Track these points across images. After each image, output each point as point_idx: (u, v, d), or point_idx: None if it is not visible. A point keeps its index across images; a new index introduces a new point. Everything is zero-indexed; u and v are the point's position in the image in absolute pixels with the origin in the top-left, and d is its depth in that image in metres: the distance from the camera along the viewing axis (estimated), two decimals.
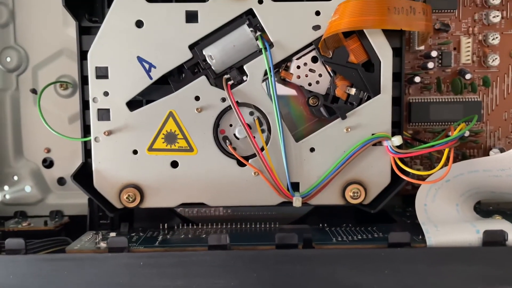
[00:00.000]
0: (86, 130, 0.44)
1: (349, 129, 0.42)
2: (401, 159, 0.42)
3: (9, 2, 0.53)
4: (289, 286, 0.36)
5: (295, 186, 0.42)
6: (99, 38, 0.41)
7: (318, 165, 0.42)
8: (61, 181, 0.54)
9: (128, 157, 0.42)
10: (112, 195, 0.42)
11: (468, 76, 0.50)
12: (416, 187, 0.46)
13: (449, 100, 0.51)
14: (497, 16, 0.50)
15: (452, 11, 0.51)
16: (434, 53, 0.49)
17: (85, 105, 0.44)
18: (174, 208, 0.46)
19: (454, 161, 0.43)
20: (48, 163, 0.54)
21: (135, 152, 0.42)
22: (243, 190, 0.42)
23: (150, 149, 0.42)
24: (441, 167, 0.41)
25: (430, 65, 0.50)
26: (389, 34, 0.42)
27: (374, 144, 0.42)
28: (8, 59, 0.53)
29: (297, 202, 0.41)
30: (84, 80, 0.43)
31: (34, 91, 0.53)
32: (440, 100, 0.51)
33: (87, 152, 0.44)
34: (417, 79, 0.49)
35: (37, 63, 0.53)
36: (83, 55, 0.43)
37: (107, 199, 0.43)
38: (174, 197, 0.43)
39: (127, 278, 0.35)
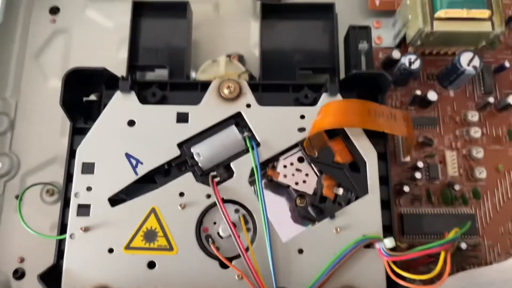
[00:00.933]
0: (63, 229, 0.42)
1: (338, 229, 0.40)
2: (396, 263, 0.39)
3: (11, 112, 0.55)
4: None
5: None
6: (90, 135, 0.42)
7: (308, 268, 0.39)
8: None
9: (102, 256, 0.39)
10: None
11: (457, 187, 0.50)
12: None
13: (442, 212, 0.50)
14: (477, 131, 0.52)
15: (433, 127, 0.53)
16: (420, 164, 0.50)
17: (66, 203, 0.43)
18: None
19: None
20: (19, 275, 0.50)
21: (110, 250, 0.39)
22: None
23: (127, 247, 0.40)
24: (438, 272, 0.38)
25: (418, 175, 0.50)
26: (373, 140, 0.44)
27: (367, 247, 0.40)
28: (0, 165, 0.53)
29: None
30: (69, 178, 0.43)
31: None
32: (433, 212, 0.50)
33: (60, 253, 0.41)
34: (406, 188, 0.49)
35: (27, 170, 0.53)
36: (72, 154, 0.44)
37: None
38: None
39: None
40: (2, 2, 0.60)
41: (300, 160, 0.43)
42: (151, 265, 0.39)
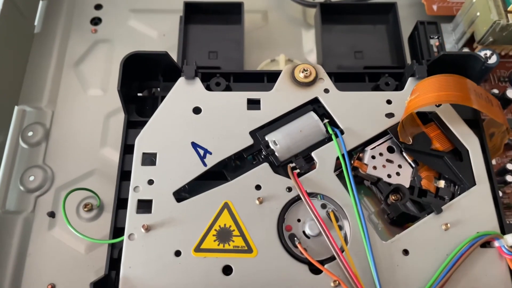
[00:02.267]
0: (116, 233, 0.35)
1: (448, 226, 0.34)
2: None
3: (46, 122, 0.50)
4: None
5: None
6: (151, 123, 0.37)
7: (416, 271, 0.32)
8: None
9: (168, 260, 0.32)
10: None
11: None
12: None
13: None
14: None
15: None
16: (510, 166, 0.45)
17: (120, 203, 0.36)
18: None
19: None
20: None
21: (177, 253, 0.33)
22: None
23: (197, 249, 0.33)
24: None
25: (510, 178, 0.44)
26: None
27: (482, 246, 0.33)
28: (32, 178, 0.47)
29: None
30: (122, 175, 0.37)
31: (51, 214, 0.46)
32: None
33: (112, 262, 0.34)
34: (499, 193, 0.43)
35: (62, 184, 0.47)
36: (126, 149, 0.38)
37: None
38: None
39: None
40: (41, 12, 0.57)
41: (390, 150, 0.37)
42: (227, 270, 0.32)
